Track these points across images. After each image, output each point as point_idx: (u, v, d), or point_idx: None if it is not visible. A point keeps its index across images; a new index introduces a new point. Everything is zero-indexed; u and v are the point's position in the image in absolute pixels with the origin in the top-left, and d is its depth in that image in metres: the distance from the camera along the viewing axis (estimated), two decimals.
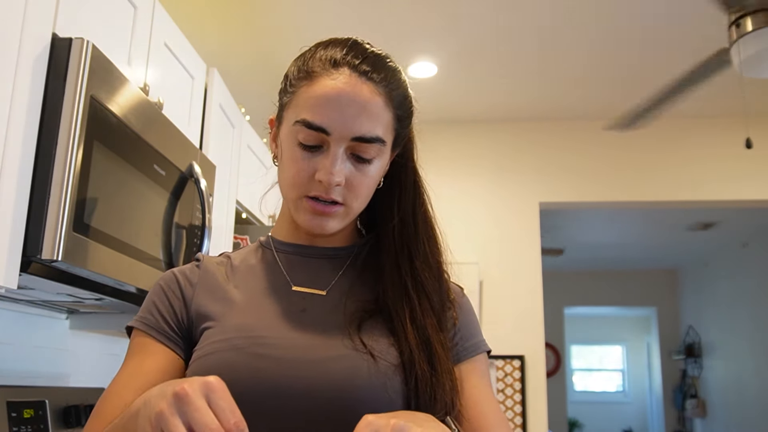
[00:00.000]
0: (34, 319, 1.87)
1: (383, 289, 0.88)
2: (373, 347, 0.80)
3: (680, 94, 2.56)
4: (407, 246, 0.91)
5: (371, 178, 0.87)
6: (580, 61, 3.23)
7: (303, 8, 2.74)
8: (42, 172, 1.25)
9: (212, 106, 2.23)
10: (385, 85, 0.84)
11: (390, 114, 0.85)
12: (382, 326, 0.84)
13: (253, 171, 2.79)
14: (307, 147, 0.84)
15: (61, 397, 1.78)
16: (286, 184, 0.88)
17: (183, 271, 0.93)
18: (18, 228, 1.21)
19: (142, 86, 1.70)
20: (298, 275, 0.91)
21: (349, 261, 0.94)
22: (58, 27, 1.35)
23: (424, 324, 0.84)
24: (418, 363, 0.79)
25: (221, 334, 0.83)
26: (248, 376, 0.77)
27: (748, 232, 5.96)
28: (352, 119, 0.82)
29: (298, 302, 0.87)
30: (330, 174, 0.82)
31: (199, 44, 2.21)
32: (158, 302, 0.90)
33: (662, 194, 3.82)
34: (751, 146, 2.43)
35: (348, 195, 0.85)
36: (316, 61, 0.85)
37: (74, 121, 1.28)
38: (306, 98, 0.84)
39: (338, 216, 0.87)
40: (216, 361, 0.79)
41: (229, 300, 0.88)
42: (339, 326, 0.83)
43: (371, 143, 0.83)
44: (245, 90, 3.25)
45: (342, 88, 0.82)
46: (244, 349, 0.79)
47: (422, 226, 0.93)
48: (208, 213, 1.86)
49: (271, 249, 0.96)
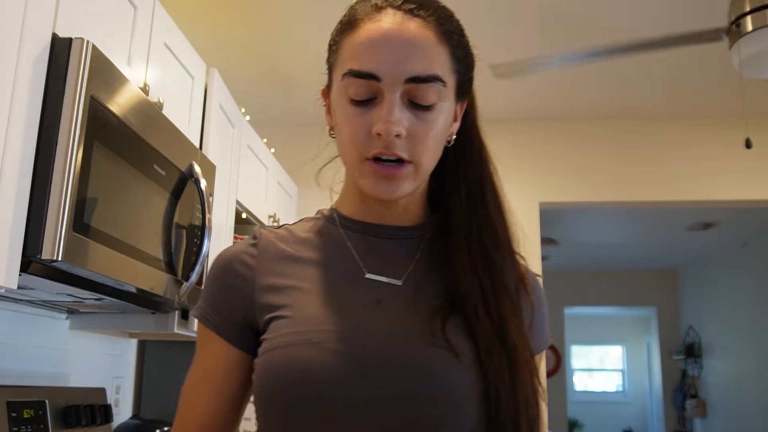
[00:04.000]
0: (34, 319, 1.87)
1: (454, 275, 0.80)
2: (454, 343, 0.74)
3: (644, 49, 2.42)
4: (476, 222, 0.83)
5: (436, 127, 0.77)
6: None
7: (303, 8, 2.74)
8: (42, 172, 1.25)
9: (212, 106, 2.23)
10: (435, 20, 0.77)
11: (445, 51, 0.77)
12: (458, 318, 0.77)
13: (253, 171, 2.79)
14: (360, 102, 0.76)
15: (61, 397, 1.78)
16: (345, 148, 0.80)
17: (239, 254, 0.85)
18: (18, 228, 1.21)
19: (142, 86, 1.70)
20: (371, 260, 0.83)
21: (422, 245, 0.85)
22: (58, 27, 1.35)
23: (499, 311, 0.77)
24: (495, 358, 0.73)
25: (293, 326, 0.76)
26: (324, 373, 0.72)
27: (748, 232, 5.96)
28: (404, 59, 0.74)
29: (372, 292, 0.80)
30: (388, 122, 0.73)
31: (199, 44, 2.21)
32: (217, 294, 0.85)
33: (662, 194, 3.82)
34: (751, 146, 2.43)
35: (413, 149, 0.76)
36: (357, 12, 0.79)
37: (74, 121, 1.28)
38: (350, 48, 0.77)
39: (407, 176, 0.77)
40: (289, 356, 0.74)
41: (296, 285, 0.81)
42: (417, 321, 0.76)
43: (429, 83, 0.74)
44: (245, 90, 3.25)
45: (387, 27, 0.75)
46: (319, 345, 0.74)
47: (491, 199, 0.85)
48: (208, 213, 1.86)
49: (337, 226, 0.87)
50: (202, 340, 0.85)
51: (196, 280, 1.79)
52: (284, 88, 3.44)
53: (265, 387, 0.76)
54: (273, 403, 0.75)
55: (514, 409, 0.72)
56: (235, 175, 2.53)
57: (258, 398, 0.77)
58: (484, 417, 0.71)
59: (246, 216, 2.75)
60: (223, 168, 2.34)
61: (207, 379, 0.83)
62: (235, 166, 2.53)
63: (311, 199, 3.71)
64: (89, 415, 1.86)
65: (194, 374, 0.85)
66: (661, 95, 3.58)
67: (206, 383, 0.83)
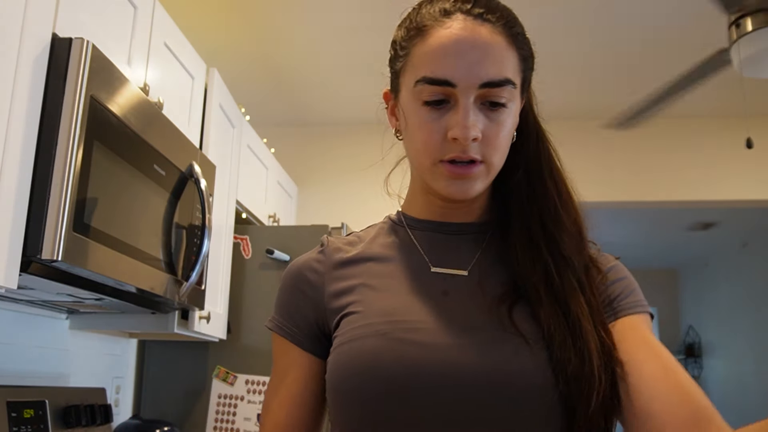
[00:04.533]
0: (34, 319, 1.87)
1: (516, 259, 0.81)
2: (522, 328, 0.74)
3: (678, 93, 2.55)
4: (537, 206, 0.83)
5: (507, 127, 0.79)
6: (578, 60, 3.23)
7: (303, 8, 2.74)
8: (42, 172, 1.25)
9: (212, 106, 2.24)
10: (503, 24, 0.78)
11: (514, 54, 0.78)
12: (525, 302, 0.77)
13: (253, 171, 2.79)
14: (434, 106, 0.77)
15: (61, 397, 1.78)
16: (418, 152, 0.81)
17: (308, 263, 0.88)
18: (18, 228, 1.21)
19: (142, 86, 1.70)
20: (437, 255, 0.85)
21: (487, 237, 0.86)
22: (58, 27, 1.35)
23: (563, 290, 0.77)
24: (560, 338, 0.73)
25: (363, 319, 0.78)
26: (394, 362, 0.73)
27: (748, 232, 5.96)
28: (477, 64, 0.75)
29: (439, 284, 0.81)
30: (465, 128, 0.75)
31: (199, 44, 2.21)
32: (289, 303, 0.87)
33: (662, 194, 3.82)
34: (752, 146, 2.43)
35: (486, 150, 0.78)
36: (424, 17, 0.79)
37: (74, 121, 1.28)
38: (422, 55, 0.78)
39: (480, 176, 0.79)
40: (359, 348, 0.75)
41: (364, 282, 0.83)
42: (484, 308, 0.77)
43: (502, 86, 0.76)
44: (245, 90, 3.25)
45: (459, 34, 0.76)
46: (388, 335, 0.75)
47: (550, 181, 0.84)
48: (208, 213, 1.86)
49: (404, 227, 0.90)
50: (279, 351, 0.87)
51: (195, 280, 1.79)
52: (284, 88, 3.44)
53: (335, 380, 0.77)
54: (344, 396, 0.76)
55: (585, 387, 0.70)
56: (235, 175, 2.53)
57: (330, 392, 0.79)
58: (557, 397, 0.71)
59: (246, 216, 2.75)
60: (223, 168, 2.34)
61: (285, 389, 0.84)
62: (235, 166, 2.53)
63: (311, 199, 3.71)
64: (89, 415, 1.86)
65: (273, 385, 0.86)
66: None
67: (285, 393, 0.84)
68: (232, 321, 2.48)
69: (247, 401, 2.43)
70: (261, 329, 2.52)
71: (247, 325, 2.52)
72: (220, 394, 2.45)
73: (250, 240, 2.60)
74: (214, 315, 2.20)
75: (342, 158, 3.81)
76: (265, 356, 2.48)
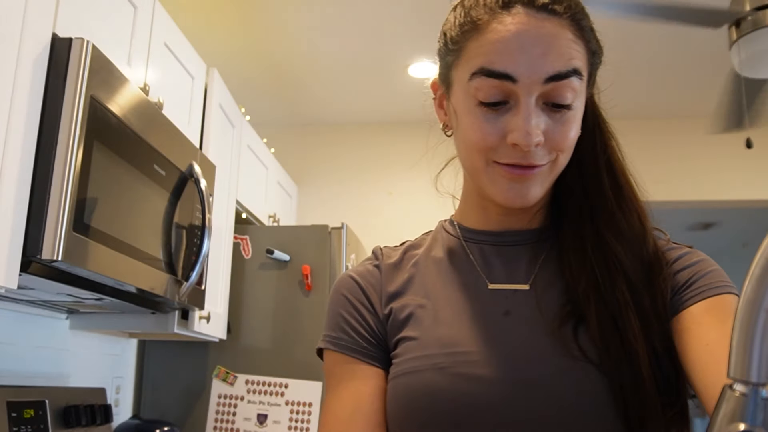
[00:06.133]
0: (34, 319, 1.87)
1: (569, 270, 0.74)
2: (587, 352, 0.68)
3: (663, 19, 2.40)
4: (589, 206, 0.76)
5: (574, 127, 0.72)
6: None
7: (303, 8, 2.74)
8: (42, 172, 1.25)
9: (212, 106, 2.24)
10: (571, 17, 0.70)
11: (582, 47, 0.71)
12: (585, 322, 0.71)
13: (253, 171, 2.79)
14: (491, 105, 0.69)
15: (61, 397, 1.78)
16: (470, 153, 0.73)
17: (362, 274, 0.83)
18: (18, 228, 1.21)
19: (142, 86, 1.70)
20: (494, 270, 0.78)
21: (548, 245, 0.78)
22: (58, 27, 1.35)
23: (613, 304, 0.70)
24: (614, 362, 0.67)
25: (421, 349, 0.73)
26: (453, 399, 0.69)
27: (748, 232, 5.96)
28: (541, 58, 0.67)
29: (499, 302, 0.75)
30: (527, 135, 0.67)
31: (199, 44, 2.21)
32: (348, 316, 0.80)
33: (662, 194, 3.82)
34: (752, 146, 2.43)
35: (550, 152, 0.71)
36: (479, 9, 0.71)
37: (74, 121, 1.28)
38: (478, 48, 0.70)
39: (541, 176, 0.72)
40: (418, 383, 0.71)
41: (420, 303, 0.78)
42: (547, 331, 0.71)
43: (568, 78, 0.68)
44: (245, 90, 3.25)
45: (520, 28, 0.68)
46: (447, 369, 0.70)
47: (607, 178, 0.77)
48: (208, 213, 1.86)
49: (459, 238, 0.83)
50: (341, 371, 0.78)
51: (195, 280, 1.79)
52: (284, 88, 3.45)
53: (393, 413, 0.74)
54: (402, 429, 0.73)
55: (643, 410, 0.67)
56: (235, 175, 2.53)
57: (391, 423, 0.74)
58: (621, 421, 0.67)
59: (246, 216, 2.75)
60: (223, 168, 2.34)
61: (362, 410, 0.75)
62: (235, 166, 2.53)
63: (311, 199, 3.71)
64: (89, 415, 1.86)
65: (342, 409, 0.76)
66: (661, 95, 3.58)
67: (362, 414, 0.75)
68: (232, 321, 2.48)
69: (247, 401, 2.43)
70: (261, 329, 2.52)
71: (247, 325, 2.52)
72: (220, 394, 2.45)
73: (250, 240, 2.60)
74: (214, 315, 2.20)
75: (342, 158, 3.81)
76: (265, 356, 2.49)
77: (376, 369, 0.77)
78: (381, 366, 0.77)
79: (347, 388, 0.77)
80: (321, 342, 0.81)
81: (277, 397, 2.42)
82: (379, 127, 3.79)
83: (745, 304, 0.41)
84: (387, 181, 3.72)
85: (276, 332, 2.51)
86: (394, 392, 0.74)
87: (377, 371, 0.77)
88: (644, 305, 0.71)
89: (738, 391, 0.42)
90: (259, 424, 2.40)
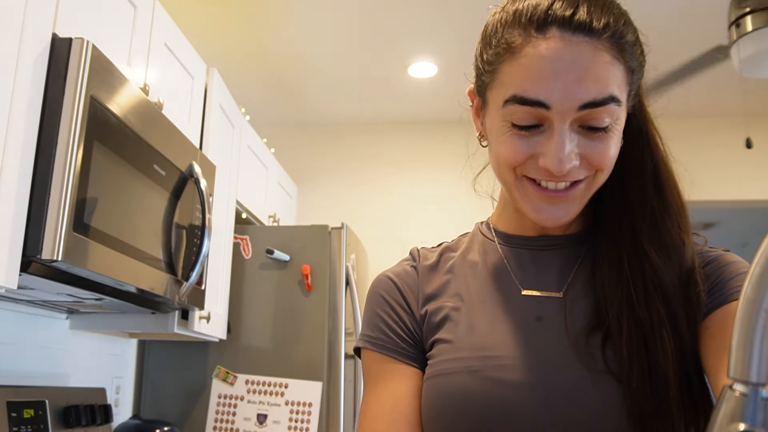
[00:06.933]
0: (34, 319, 1.87)
1: (602, 281, 0.73)
2: (613, 365, 0.68)
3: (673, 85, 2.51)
4: (630, 216, 0.74)
5: (613, 146, 0.69)
6: None
7: (303, 8, 2.74)
8: (42, 172, 1.25)
9: (212, 106, 2.24)
10: (610, 36, 0.67)
11: (621, 68, 0.68)
12: (613, 335, 0.70)
13: (253, 171, 2.79)
14: (524, 128, 0.69)
15: (61, 397, 1.78)
16: (500, 168, 0.73)
17: (399, 274, 0.84)
18: (18, 228, 1.21)
19: (142, 86, 1.70)
20: (528, 275, 0.78)
21: (584, 250, 0.77)
22: (58, 27, 1.35)
23: (647, 322, 0.69)
24: (639, 377, 0.67)
25: (454, 351, 0.74)
26: (484, 402, 0.69)
27: (748, 232, 5.96)
28: (576, 85, 0.65)
29: (532, 308, 0.75)
30: (560, 162, 0.66)
31: (199, 44, 2.21)
32: (385, 316, 0.81)
33: None
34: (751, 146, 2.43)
35: (587, 171, 0.70)
36: (514, 30, 0.69)
37: (74, 121, 1.28)
38: (512, 73, 0.68)
39: (577, 196, 0.71)
40: (450, 385, 0.72)
41: (455, 305, 0.79)
42: (577, 341, 0.71)
43: (604, 105, 0.66)
44: (245, 90, 3.25)
45: (555, 53, 0.66)
46: (479, 373, 0.71)
47: (651, 187, 0.74)
48: (208, 213, 1.86)
49: (494, 242, 0.83)
50: (379, 370, 0.79)
51: (195, 280, 1.79)
52: (284, 89, 3.44)
53: (426, 413, 0.75)
54: (435, 430, 0.74)
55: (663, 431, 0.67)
56: (235, 175, 2.53)
57: (425, 423, 0.76)
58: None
59: (246, 216, 2.75)
60: (223, 168, 2.34)
61: (400, 409, 0.76)
62: (235, 166, 2.53)
63: (311, 199, 3.71)
64: (89, 415, 1.86)
65: (381, 408, 0.77)
66: (661, 95, 3.58)
67: (400, 413, 0.76)
68: (232, 321, 2.48)
69: (247, 401, 2.43)
70: (261, 329, 2.52)
71: (247, 325, 2.52)
72: (220, 394, 2.46)
73: (250, 240, 2.60)
74: (214, 315, 2.20)
75: (342, 158, 3.81)
76: (265, 356, 2.49)
77: (413, 369, 0.78)
78: (418, 366, 0.78)
79: (386, 387, 0.78)
80: (359, 341, 0.83)
81: (277, 397, 2.42)
82: (379, 127, 3.79)
83: (745, 304, 0.41)
84: (387, 181, 3.72)
85: (276, 332, 2.51)
86: (426, 393, 0.75)
87: (415, 371, 0.78)
88: (679, 324, 0.70)
89: (738, 391, 0.42)
90: (258, 424, 2.40)
